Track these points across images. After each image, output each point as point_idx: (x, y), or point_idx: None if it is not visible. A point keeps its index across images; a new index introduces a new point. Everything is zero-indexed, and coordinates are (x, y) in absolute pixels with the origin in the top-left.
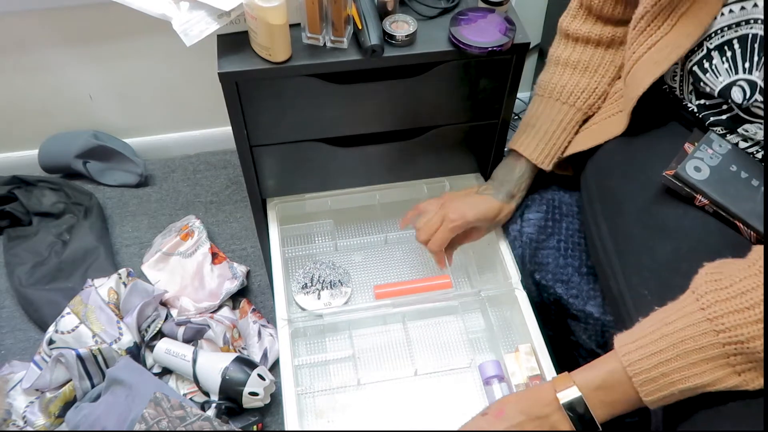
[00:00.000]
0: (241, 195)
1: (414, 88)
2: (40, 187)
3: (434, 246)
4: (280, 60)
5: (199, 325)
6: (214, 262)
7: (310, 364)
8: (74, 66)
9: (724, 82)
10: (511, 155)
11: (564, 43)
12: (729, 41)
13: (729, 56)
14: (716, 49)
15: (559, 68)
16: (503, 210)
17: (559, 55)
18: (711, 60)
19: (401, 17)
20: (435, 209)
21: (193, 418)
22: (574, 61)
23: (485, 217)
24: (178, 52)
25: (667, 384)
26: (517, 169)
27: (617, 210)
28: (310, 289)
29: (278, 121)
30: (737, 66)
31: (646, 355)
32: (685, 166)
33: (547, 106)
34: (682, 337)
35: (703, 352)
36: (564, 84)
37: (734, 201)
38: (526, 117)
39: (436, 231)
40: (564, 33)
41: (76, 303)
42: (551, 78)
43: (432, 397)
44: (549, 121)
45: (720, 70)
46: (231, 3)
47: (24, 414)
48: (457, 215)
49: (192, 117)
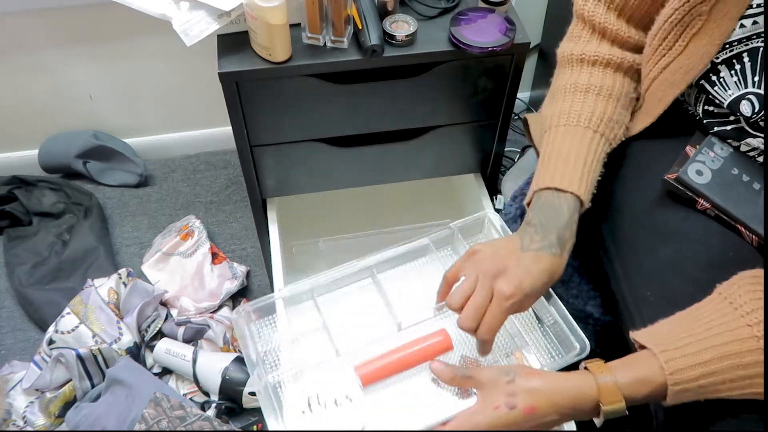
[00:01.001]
0: (241, 195)
1: (414, 88)
2: (40, 187)
3: (487, 334)
4: (280, 60)
5: (199, 325)
6: (214, 262)
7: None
8: (74, 66)
9: (734, 95)
10: (546, 195)
11: (578, 69)
12: (738, 55)
13: (738, 69)
14: (723, 63)
15: (579, 95)
16: (559, 266)
17: (575, 81)
18: (718, 73)
19: (401, 17)
20: (474, 278)
21: (193, 418)
22: (596, 86)
23: (544, 283)
24: (178, 52)
25: (700, 394)
26: (565, 209)
27: (618, 213)
28: (310, 412)
29: (278, 121)
30: (746, 79)
31: (691, 365)
32: (686, 169)
33: (576, 135)
34: (728, 351)
35: (745, 369)
36: (591, 111)
37: (736, 205)
38: (550, 152)
39: (485, 312)
40: (577, 59)
41: (76, 303)
42: (572, 106)
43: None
44: (585, 149)
45: (729, 83)
46: (231, 3)
47: (24, 414)
48: (513, 289)
49: (192, 117)
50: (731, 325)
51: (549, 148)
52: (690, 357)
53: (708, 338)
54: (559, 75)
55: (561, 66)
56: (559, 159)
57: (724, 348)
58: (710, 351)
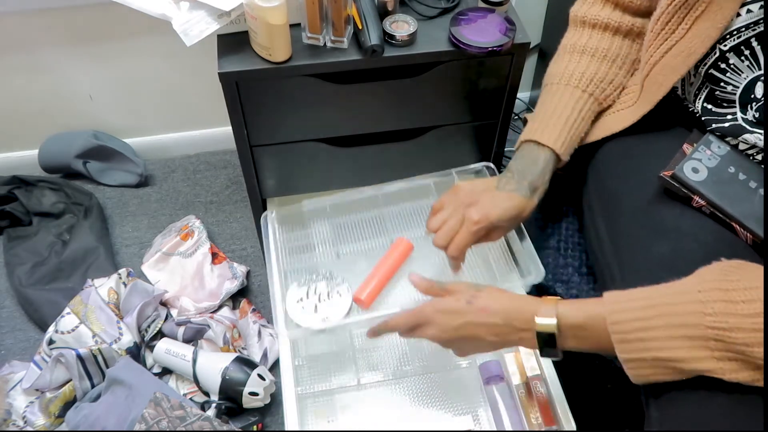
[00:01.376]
0: (241, 195)
1: (414, 88)
2: (40, 187)
3: (455, 251)
4: (280, 60)
5: (199, 325)
6: (214, 262)
7: (310, 365)
8: (74, 66)
9: (748, 78)
10: (528, 146)
11: (580, 31)
12: (746, 41)
13: (748, 54)
14: (732, 51)
15: (576, 56)
16: (527, 207)
17: (575, 42)
18: (727, 61)
19: (401, 17)
20: (452, 208)
21: (193, 418)
22: (592, 48)
23: (509, 216)
24: (178, 52)
25: (642, 349)
26: (541, 160)
27: (615, 209)
28: (305, 303)
29: (278, 121)
30: (759, 62)
31: (630, 319)
32: (682, 167)
33: (564, 94)
34: (670, 311)
35: (685, 329)
36: (582, 71)
37: (731, 203)
38: (540, 107)
39: (455, 234)
40: (580, 20)
41: (76, 303)
42: (567, 66)
43: (432, 396)
44: (569, 109)
45: (741, 68)
46: (231, 3)
47: (24, 414)
48: (480, 216)
49: (192, 117)
50: (683, 289)
51: (539, 105)
52: (633, 311)
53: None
54: (566, 34)
55: (569, 25)
56: (545, 115)
57: (668, 308)
58: (654, 309)
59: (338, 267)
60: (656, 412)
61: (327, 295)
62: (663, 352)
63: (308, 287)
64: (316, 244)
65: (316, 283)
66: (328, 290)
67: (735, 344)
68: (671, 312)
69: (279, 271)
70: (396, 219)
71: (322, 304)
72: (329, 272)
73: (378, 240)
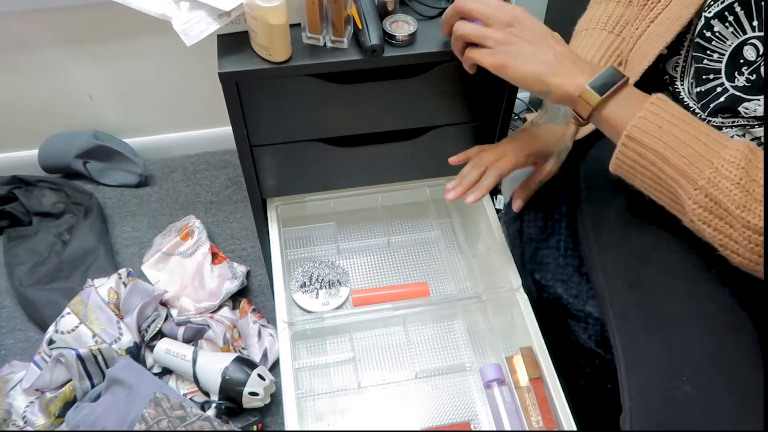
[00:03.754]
0: (241, 195)
1: (414, 88)
2: (40, 187)
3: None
4: (280, 60)
5: (199, 325)
6: (214, 262)
7: (311, 367)
8: (74, 66)
9: (734, 44)
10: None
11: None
12: (729, 6)
13: (732, 20)
14: (716, 17)
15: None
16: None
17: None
18: (712, 29)
19: (401, 17)
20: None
21: (193, 418)
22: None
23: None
24: (178, 52)
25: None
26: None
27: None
28: (308, 288)
29: (278, 121)
30: (743, 27)
31: (650, 139)
32: None
33: (593, 36)
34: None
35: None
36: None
37: None
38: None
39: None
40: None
41: (76, 303)
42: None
43: (432, 400)
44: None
45: (725, 35)
46: (231, 3)
47: (24, 414)
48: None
49: (192, 117)
50: (712, 150)
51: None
52: (657, 133)
53: (683, 139)
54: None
55: None
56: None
57: (687, 149)
58: (684, 127)
59: (339, 261)
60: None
61: (329, 284)
62: (666, 150)
63: (311, 274)
64: (317, 239)
65: (319, 270)
66: (329, 278)
67: (719, 205)
68: (692, 138)
69: (282, 263)
70: (396, 219)
71: (323, 291)
72: (331, 261)
73: (378, 240)
